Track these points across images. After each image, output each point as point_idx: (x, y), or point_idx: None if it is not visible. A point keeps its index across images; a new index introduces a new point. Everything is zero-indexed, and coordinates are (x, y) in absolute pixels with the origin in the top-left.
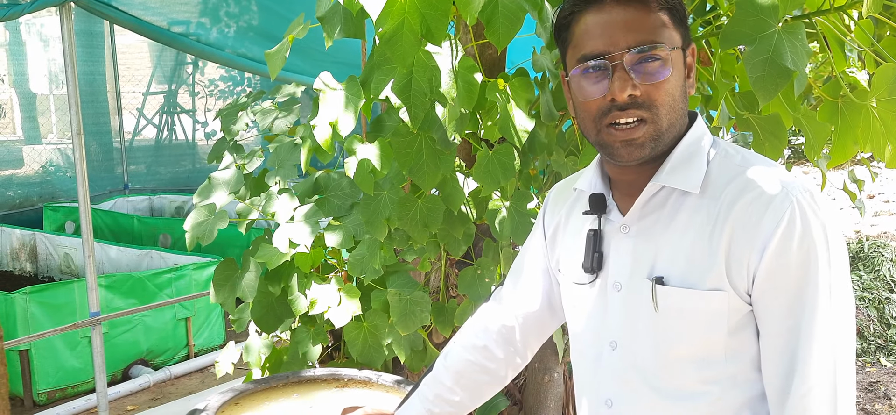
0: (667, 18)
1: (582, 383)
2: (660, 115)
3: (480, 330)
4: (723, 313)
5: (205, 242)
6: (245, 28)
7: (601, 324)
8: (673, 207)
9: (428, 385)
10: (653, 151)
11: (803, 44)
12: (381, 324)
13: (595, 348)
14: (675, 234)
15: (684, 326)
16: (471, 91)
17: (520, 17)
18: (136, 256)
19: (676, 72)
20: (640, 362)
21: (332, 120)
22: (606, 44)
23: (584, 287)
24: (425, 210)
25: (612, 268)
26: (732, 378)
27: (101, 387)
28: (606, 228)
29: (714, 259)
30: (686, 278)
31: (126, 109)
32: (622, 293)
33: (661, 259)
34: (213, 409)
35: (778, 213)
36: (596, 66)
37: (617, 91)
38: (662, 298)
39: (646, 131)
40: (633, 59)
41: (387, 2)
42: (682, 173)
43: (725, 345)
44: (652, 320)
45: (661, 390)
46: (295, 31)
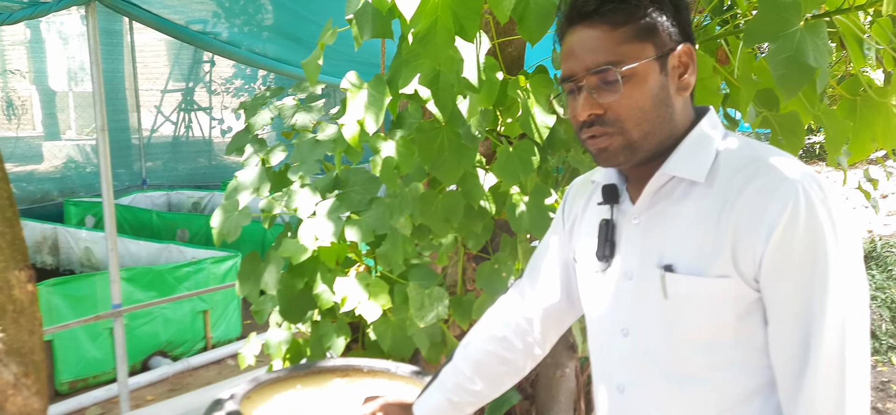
0: (635, 32)
1: (597, 370)
2: (626, 127)
3: (500, 321)
4: (730, 299)
5: (230, 239)
6: (261, 26)
7: (613, 311)
8: (680, 197)
9: (448, 375)
10: (628, 159)
11: (825, 42)
12: (406, 317)
13: (608, 336)
14: (682, 222)
15: (692, 312)
16: (492, 88)
17: (551, 13)
18: (156, 250)
19: (645, 84)
20: (651, 348)
21: (359, 118)
22: (572, 67)
23: (597, 275)
24: (446, 205)
25: (624, 256)
26: (741, 364)
27: (122, 377)
28: (619, 219)
29: (720, 246)
30: (693, 266)
31: (144, 106)
32: (633, 282)
33: (670, 247)
34: (240, 397)
35: (784, 199)
36: (568, 88)
37: (579, 111)
38: (671, 285)
39: (614, 142)
40: (592, 80)
41: (420, 1)
42: (688, 163)
43: (733, 331)
44: (661, 307)
45: (670, 376)
46: (325, 37)
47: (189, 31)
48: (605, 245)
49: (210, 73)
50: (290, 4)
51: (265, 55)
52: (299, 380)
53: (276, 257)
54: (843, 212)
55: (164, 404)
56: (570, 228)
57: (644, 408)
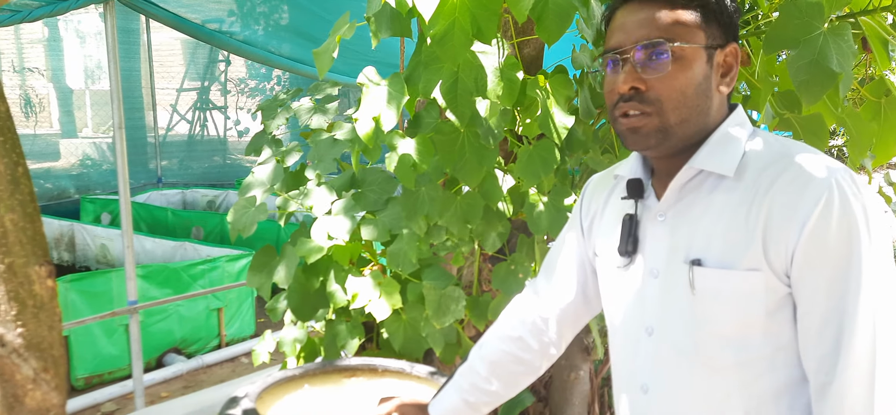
0: (690, 17)
1: (619, 372)
2: (664, 109)
3: (516, 321)
4: (760, 293)
5: (246, 234)
6: (277, 25)
7: (638, 311)
8: (708, 191)
9: (463, 375)
10: (659, 143)
11: (849, 45)
12: (419, 317)
13: (632, 335)
14: (710, 216)
15: (721, 307)
16: (513, 88)
17: (570, 14)
18: (171, 248)
19: (691, 69)
20: (677, 345)
21: (375, 115)
22: (621, 39)
23: (619, 272)
24: (465, 205)
25: (649, 254)
26: (770, 361)
27: (137, 373)
28: (643, 214)
29: (751, 239)
30: (723, 259)
31: (160, 104)
32: (659, 279)
33: (697, 241)
34: (255, 394)
35: (817, 192)
36: (612, 60)
37: (620, 84)
38: (700, 279)
39: (649, 123)
40: (640, 54)
41: (439, 2)
42: (717, 157)
43: (763, 326)
44: (689, 302)
45: (697, 374)
46: (341, 31)
47: (205, 29)
48: (628, 240)
49: (225, 72)
50: (306, 4)
51: (281, 54)
52: (314, 379)
53: (290, 253)
54: (876, 208)
55: (179, 401)
56: (588, 225)
57: (669, 408)
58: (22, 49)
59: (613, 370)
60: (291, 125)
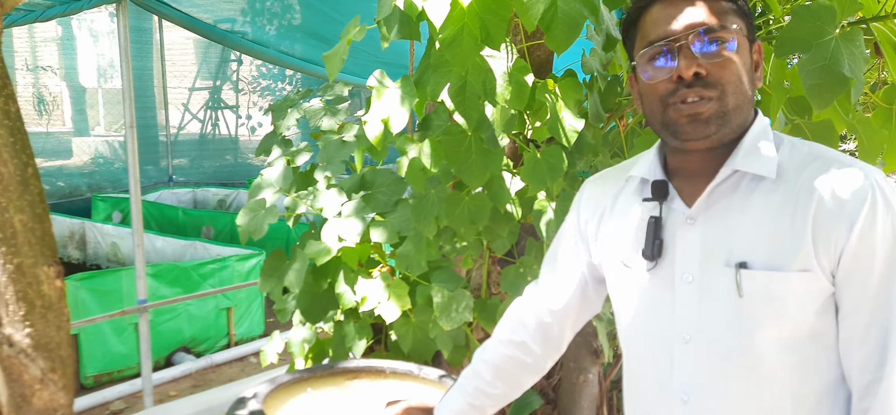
0: (732, 7)
1: (647, 381)
2: (726, 92)
3: (517, 326)
4: (811, 293)
5: (256, 236)
6: (289, 26)
7: (667, 317)
8: (745, 193)
9: (468, 379)
10: (718, 129)
11: (861, 50)
12: (428, 319)
13: (663, 343)
14: (751, 219)
15: (771, 309)
16: (522, 92)
17: (579, 24)
18: (181, 247)
19: (742, 56)
20: (722, 352)
21: (383, 117)
22: (673, 28)
23: (640, 277)
24: (473, 208)
25: (679, 260)
26: (816, 362)
27: (146, 372)
28: (668, 217)
29: (801, 241)
30: (771, 261)
31: (172, 103)
32: (694, 285)
33: (740, 245)
34: (263, 396)
35: (861, 193)
36: (663, 49)
37: (683, 69)
38: (747, 282)
39: (711, 108)
40: (698, 39)
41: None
42: (755, 159)
43: (811, 327)
44: (734, 307)
45: (747, 380)
46: (352, 34)
47: (218, 29)
48: (654, 244)
49: (237, 71)
50: (318, 5)
51: (293, 55)
52: (322, 380)
53: (300, 256)
54: None
55: (186, 400)
56: (591, 229)
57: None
58: (35, 48)
59: (635, 379)
60: (302, 125)
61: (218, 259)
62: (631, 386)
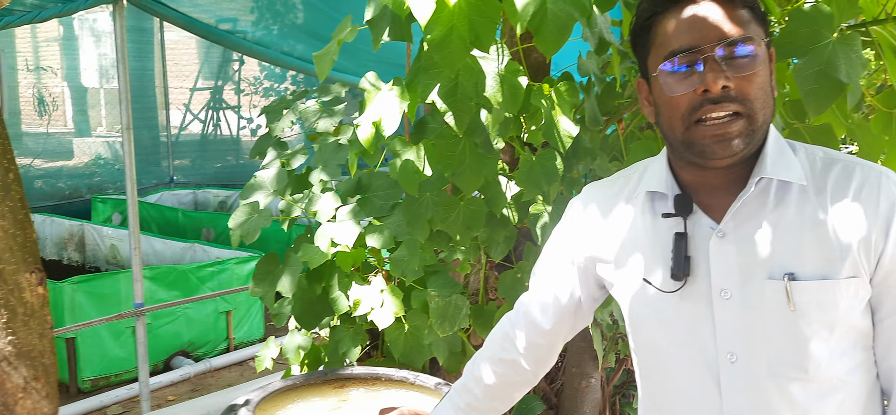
0: (751, 15)
1: (689, 404)
2: (754, 108)
3: (508, 344)
4: (859, 298)
5: (249, 240)
6: (290, 26)
7: (707, 337)
8: (776, 203)
9: (459, 394)
10: (745, 147)
11: (859, 55)
12: (422, 325)
13: (706, 364)
14: (790, 228)
15: (824, 319)
16: (516, 95)
17: (569, 26)
18: (180, 249)
19: (766, 67)
20: (775, 367)
21: (375, 120)
22: (696, 38)
23: (669, 299)
24: (468, 212)
25: (715, 276)
26: (864, 364)
27: (143, 376)
28: (693, 232)
29: (846, 247)
30: (819, 271)
31: (173, 104)
32: (733, 301)
33: (784, 256)
34: (254, 404)
35: (891, 195)
36: (686, 61)
37: (710, 83)
38: (798, 294)
39: (740, 126)
40: (725, 51)
41: (436, 8)
42: (783, 165)
43: (858, 330)
44: (786, 320)
45: (800, 393)
46: (342, 35)
47: (218, 30)
48: (683, 262)
49: (239, 72)
50: (319, 5)
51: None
52: (316, 388)
53: (294, 260)
54: None
55: (185, 404)
56: (596, 246)
57: None
58: (38, 48)
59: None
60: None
61: (217, 262)
62: (663, 411)
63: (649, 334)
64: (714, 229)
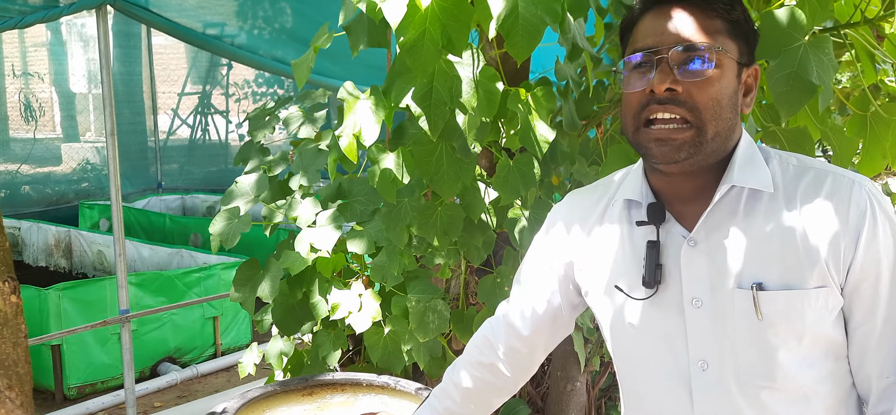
0: (725, 27)
1: (662, 411)
2: (702, 118)
3: (487, 349)
4: (827, 308)
5: (228, 246)
6: (278, 31)
7: (679, 344)
8: (746, 211)
9: (438, 398)
10: (689, 156)
11: (830, 58)
12: (401, 330)
13: (678, 371)
14: (759, 237)
15: (792, 329)
16: (491, 100)
17: (540, 31)
18: (167, 255)
19: (725, 79)
20: (743, 376)
21: (355, 130)
22: (656, 40)
23: (641, 306)
24: (445, 218)
25: (686, 284)
26: (833, 375)
27: (129, 383)
28: (665, 241)
29: (814, 257)
30: (786, 280)
31: (161, 108)
32: (704, 309)
33: (752, 265)
34: (232, 412)
35: (860, 203)
36: (642, 60)
37: (656, 83)
38: (766, 303)
39: (685, 135)
40: (677, 55)
41: (407, 12)
42: (751, 173)
43: (828, 340)
44: (754, 329)
45: (769, 401)
46: (319, 42)
47: (203, 35)
48: (655, 270)
49: (227, 76)
50: (306, 10)
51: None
52: (296, 394)
53: (274, 266)
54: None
55: (172, 411)
56: (574, 253)
57: None
58: (25, 53)
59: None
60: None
61: (203, 268)
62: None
63: (623, 341)
64: (686, 238)
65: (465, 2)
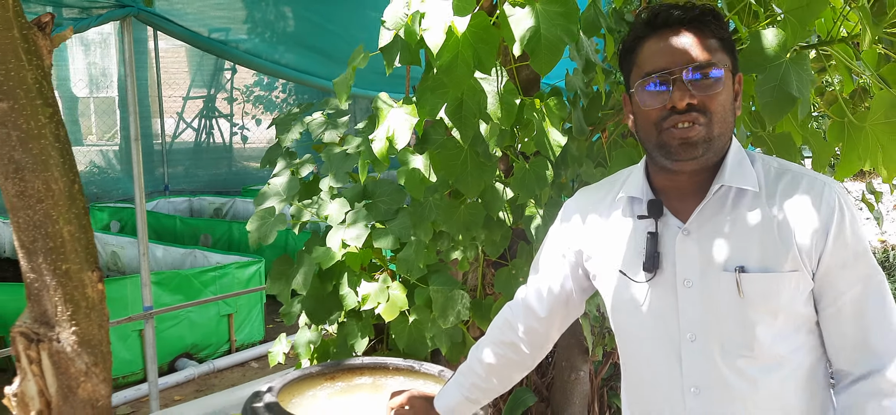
0: (719, 44)
1: (657, 380)
2: (713, 120)
3: (508, 328)
4: (799, 289)
5: (266, 242)
6: (281, 35)
7: (672, 320)
8: (733, 207)
9: (464, 374)
10: (704, 152)
11: (808, 73)
12: (424, 319)
13: (670, 343)
14: (742, 229)
15: (767, 306)
16: (511, 111)
17: (560, 49)
18: (180, 255)
19: (727, 88)
20: (727, 346)
21: (389, 134)
22: (667, 62)
23: (641, 286)
24: (468, 215)
25: (679, 268)
26: (804, 347)
27: (152, 377)
28: (663, 231)
29: (788, 246)
30: (764, 264)
31: (166, 112)
32: (694, 289)
33: (736, 252)
34: (277, 389)
35: (830, 202)
36: (658, 80)
37: (677, 100)
38: (747, 284)
39: (700, 132)
40: (691, 74)
41: (445, 37)
42: (740, 174)
43: (799, 316)
44: (736, 305)
45: (748, 368)
46: (356, 61)
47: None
48: (655, 257)
49: (231, 80)
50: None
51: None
52: (330, 376)
53: (307, 260)
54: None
55: (192, 403)
56: (584, 243)
57: (726, 402)
58: None
59: (642, 378)
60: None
61: (218, 267)
62: (637, 385)
63: (625, 318)
64: (680, 228)
65: (492, 27)
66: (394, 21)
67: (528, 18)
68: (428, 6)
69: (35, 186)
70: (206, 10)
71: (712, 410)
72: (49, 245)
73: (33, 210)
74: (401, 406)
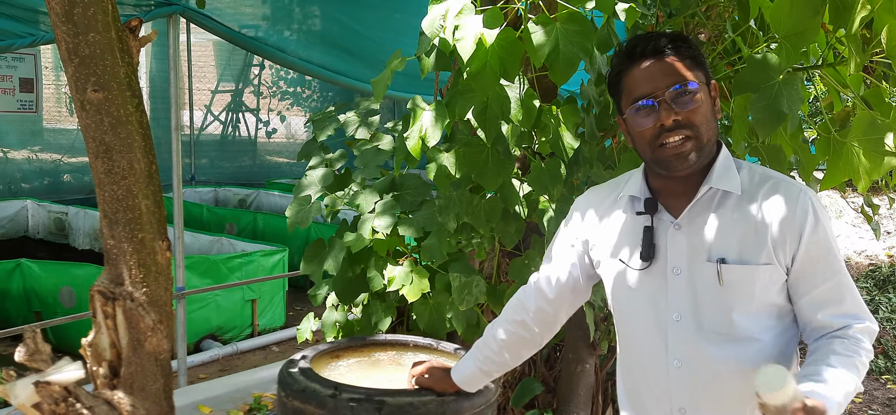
0: (692, 63)
1: (646, 354)
2: (700, 131)
3: (520, 308)
4: (772, 280)
5: (303, 226)
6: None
7: (662, 302)
8: (717, 207)
9: (479, 349)
10: (697, 159)
11: (798, 92)
12: (443, 301)
13: (659, 322)
14: (725, 226)
15: (743, 293)
16: (531, 115)
17: (575, 63)
18: (208, 242)
19: (705, 99)
20: (707, 326)
21: (422, 133)
22: (651, 88)
23: (637, 274)
24: (487, 208)
25: (670, 257)
26: (775, 328)
27: (181, 354)
28: (658, 226)
29: (763, 242)
30: (742, 257)
31: (195, 105)
32: (682, 276)
33: (718, 245)
34: (310, 358)
35: (804, 205)
36: (646, 105)
37: (664, 118)
38: (726, 273)
39: (691, 145)
40: (672, 95)
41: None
42: (725, 179)
43: (773, 303)
44: (716, 292)
45: (728, 345)
46: (393, 64)
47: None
48: (650, 248)
49: (259, 76)
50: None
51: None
52: (355, 350)
53: (338, 245)
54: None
55: (218, 380)
56: (586, 237)
57: (704, 374)
58: None
59: (634, 352)
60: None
61: (244, 254)
62: (629, 359)
63: (622, 300)
64: (673, 223)
65: (517, 40)
66: (431, 30)
67: (549, 36)
68: (462, 19)
69: (121, 165)
70: (240, 7)
71: (693, 381)
72: (128, 216)
73: (118, 186)
74: (421, 374)
